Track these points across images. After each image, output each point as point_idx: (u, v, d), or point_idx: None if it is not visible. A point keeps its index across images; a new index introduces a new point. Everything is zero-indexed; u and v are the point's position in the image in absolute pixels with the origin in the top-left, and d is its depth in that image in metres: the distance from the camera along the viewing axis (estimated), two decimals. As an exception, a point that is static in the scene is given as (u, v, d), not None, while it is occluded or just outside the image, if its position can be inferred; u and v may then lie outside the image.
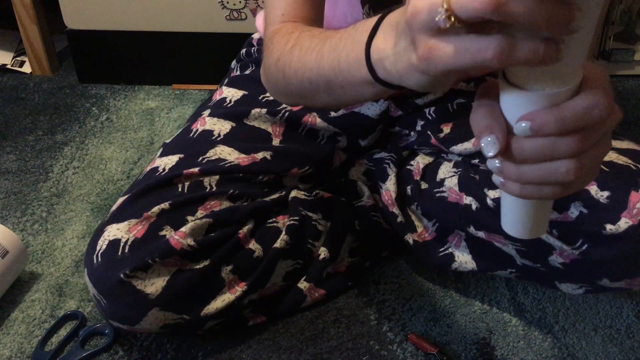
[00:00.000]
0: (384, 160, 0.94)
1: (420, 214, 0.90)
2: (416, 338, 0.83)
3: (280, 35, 0.65)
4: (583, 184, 0.46)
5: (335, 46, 0.55)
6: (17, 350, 0.83)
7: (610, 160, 0.71)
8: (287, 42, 0.63)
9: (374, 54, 0.48)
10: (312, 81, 0.59)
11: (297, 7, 0.68)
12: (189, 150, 0.84)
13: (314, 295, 0.87)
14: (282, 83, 0.64)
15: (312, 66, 0.58)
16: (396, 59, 0.45)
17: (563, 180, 0.43)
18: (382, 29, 0.48)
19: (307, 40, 0.60)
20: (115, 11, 1.34)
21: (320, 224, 0.87)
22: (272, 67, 0.65)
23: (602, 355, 0.82)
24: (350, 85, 0.53)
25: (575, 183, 0.44)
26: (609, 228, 0.69)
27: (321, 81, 0.57)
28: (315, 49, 0.58)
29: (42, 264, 0.96)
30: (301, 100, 0.66)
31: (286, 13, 0.68)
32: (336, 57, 0.54)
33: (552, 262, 0.76)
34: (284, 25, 0.67)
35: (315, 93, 0.60)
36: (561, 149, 0.41)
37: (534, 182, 0.44)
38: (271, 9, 0.69)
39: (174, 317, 0.75)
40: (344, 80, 0.53)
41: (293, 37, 0.63)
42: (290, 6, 0.68)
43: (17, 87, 1.43)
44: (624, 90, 1.40)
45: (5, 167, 1.17)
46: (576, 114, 0.40)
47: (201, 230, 0.77)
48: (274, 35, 0.66)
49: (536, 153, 0.42)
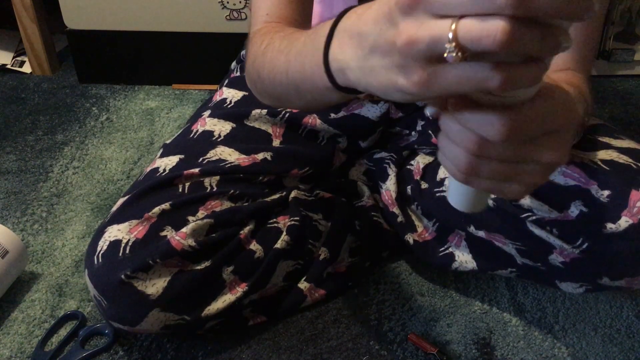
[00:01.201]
0: (384, 160, 0.94)
1: (421, 214, 0.90)
2: (416, 338, 0.83)
3: (259, 36, 0.65)
4: (514, 194, 0.47)
5: (300, 50, 0.54)
6: (17, 350, 0.83)
7: (611, 159, 0.71)
8: (262, 42, 0.63)
9: (332, 63, 0.48)
10: (282, 84, 0.58)
11: (282, 8, 0.68)
12: (190, 150, 0.84)
13: (314, 296, 0.87)
14: (259, 84, 0.64)
15: (281, 70, 0.57)
16: (366, 74, 0.43)
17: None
18: (337, 37, 0.47)
19: (277, 42, 0.60)
20: (115, 11, 1.34)
21: (320, 224, 0.87)
22: (250, 68, 0.65)
23: (602, 355, 0.82)
24: (317, 91, 0.52)
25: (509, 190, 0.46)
26: (609, 227, 0.69)
27: (291, 86, 0.57)
28: (284, 52, 0.57)
29: (42, 264, 0.96)
30: (278, 102, 0.66)
31: (270, 13, 0.68)
32: (301, 62, 0.53)
33: (552, 261, 0.76)
34: (265, 26, 0.67)
35: (288, 96, 0.60)
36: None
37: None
38: (256, 9, 0.70)
39: (174, 318, 0.75)
40: (311, 86, 0.53)
41: (267, 37, 0.63)
42: (274, 6, 0.68)
43: (17, 87, 1.43)
44: (624, 90, 1.40)
45: (5, 167, 1.17)
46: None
47: (202, 230, 0.76)
48: (254, 35, 0.66)
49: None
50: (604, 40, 1.41)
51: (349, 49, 0.45)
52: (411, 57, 0.38)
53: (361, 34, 0.43)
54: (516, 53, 0.36)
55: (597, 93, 1.39)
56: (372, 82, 0.43)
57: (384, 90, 0.42)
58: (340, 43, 0.46)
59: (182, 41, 1.38)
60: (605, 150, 0.73)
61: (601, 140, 0.75)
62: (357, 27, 0.44)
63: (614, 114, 1.32)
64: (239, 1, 1.31)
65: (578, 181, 0.70)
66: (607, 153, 0.72)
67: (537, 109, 0.41)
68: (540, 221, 0.74)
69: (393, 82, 0.41)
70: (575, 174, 0.71)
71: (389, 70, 0.41)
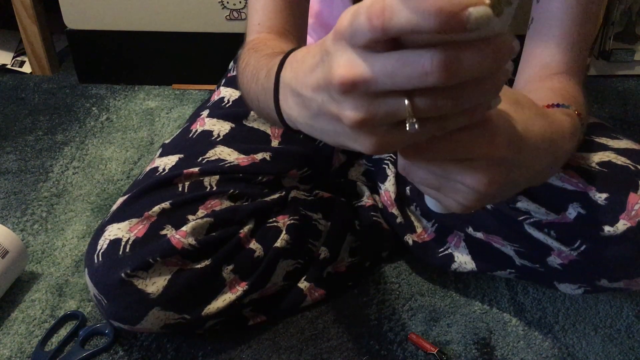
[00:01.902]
0: (383, 161, 0.94)
1: (420, 215, 0.90)
2: (416, 338, 0.83)
3: (244, 52, 0.66)
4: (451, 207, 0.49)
5: (263, 84, 0.54)
6: (17, 350, 0.83)
7: (609, 161, 0.71)
8: (243, 61, 0.64)
9: (284, 114, 0.48)
10: (258, 108, 0.59)
11: (271, 18, 0.69)
12: (189, 150, 0.85)
13: (314, 295, 0.87)
14: (245, 99, 0.65)
15: (254, 94, 0.58)
16: (317, 133, 0.43)
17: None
18: (282, 90, 0.47)
19: (252, 64, 0.60)
20: (115, 11, 1.34)
21: (320, 223, 0.87)
22: (238, 81, 0.66)
23: (602, 355, 0.82)
24: (284, 126, 0.52)
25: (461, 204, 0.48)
26: (607, 229, 0.68)
27: (263, 112, 0.57)
28: (255, 77, 0.57)
29: (42, 264, 0.96)
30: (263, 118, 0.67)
31: (262, 23, 0.69)
32: (264, 95, 0.53)
33: (550, 263, 0.76)
34: (253, 39, 0.67)
35: (267, 119, 0.60)
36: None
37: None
38: (250, 19, 0.70)
39: (174, 317, 0.75)
40: (277, 122, 0.52)
41: (247, 56, 0.63)
42: (265, 16, 0.69)
43: (17, 87, 1.43)
44: (624, 90, 1.40)
45: (5, 167, 1.17)
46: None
47: (202, 229, 0.77)
48: (243, 49, 0.67)
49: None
50: (604, 40, 1.41)
51: (295, 107, 0.45)
52: (364, 132, 0.38)
53: (302, 96, 0.42)
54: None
55: (597, 93, 1.39)
56: (325, 139, 0.43)
57: (339, 147, 0.43)
58: (285, 98, 0.46)
59: (182, 41, 1.38)
60: (603, 152, 0.72)
61: (598, 142, 0.74)
62: (296, 88, 0.43)
63: (614, 114, 1.32)
64: (239, 1, 1.31)
65: (576, 186, 0.70)
66: (605, 154, 0.72)
67: (460, 135, 0.41)
68: (538, 223, 0.74)
69: (347, 145, 0.41)
70: (573, 179, 0.70)
71: (341, 135, 0.40)
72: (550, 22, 0.70)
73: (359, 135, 0.39)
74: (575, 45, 0.70)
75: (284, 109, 0.47)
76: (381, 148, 0.39)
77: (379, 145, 0.39)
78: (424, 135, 0.39)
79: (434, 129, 0.38)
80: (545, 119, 0.52)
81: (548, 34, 0.70)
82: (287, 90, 0.45)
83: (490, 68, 0.34)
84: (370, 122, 0.37)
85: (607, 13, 1.38)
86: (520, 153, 0.47)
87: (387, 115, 0.36)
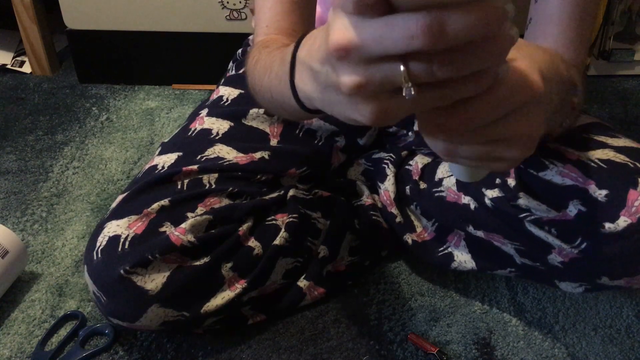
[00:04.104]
0: (382, 160, 0.94)
1: (420, 214, 0.90)
2: (416, 338, 0.83)
3: (254, 50, 0.66)
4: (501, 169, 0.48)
5: (277, 73, 0.55)
6: (17, 350, 0.83)
7: (608, 158, 0.71)
8: (253, 58, 0.64)
9: (299, 92, 0.49)
10: (270, 102, 0.60)
11: (279, 20, 0.69)
12: (188, 148, 0.85)
13: (313, 294, 0.87)
14: (256, 97, 0.66)
15: (266, 89, 0.59)
16: (328, 105, 0.44)
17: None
18: (297, 67, 0.48)
19: (263, 59, 0.61)
20: (115, 11, 1.34)
21: (319, 222, 0.87)
22: (248, 81, 0.67)
23: (602, 355, 0.82)
24: (297, 112, 0.53)
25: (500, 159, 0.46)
26: (607, 226, 0.69)
27: (277, 104, 0.58)
28: (267, 71, 0.58)
29: (42, 264, 0.96)
30: (273, 112, 0.67)
31: (270, 25, 0.69)
32: (277, 85, 0.54)
33: (551, 261, 0.76)
34: (262, 40, 0.68)
35: (279, 112, 0.61)
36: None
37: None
38: (258, 21, 0.71)
39: (173, 314, 0.75)
40: (291, 108, 0.53)
41: (257, 54, 0.64)
42: (273, 18, 0.69)
43: (17, 87, 1.43)
44: (624, 90, 1.40)
45: (5, 167, 1.17)
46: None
47: (201, 226, 0.77)
48: (251, 49, 0.68)
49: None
50: (604, 40, 1.41)
51: (308, 82, 0.46)
52: (360, 98, 0.39)
53: (313, 70, 0.44)
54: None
55: (597, 93, 1.39)
56: (335, 112, 0.44)
57: (347, 120, 0.43)
58: (300, 75, 0.47)
59: (182, 41, 1.38)
60: (602, 150, 0.72)
61: (597, 139, 0.75)
62: (309, 62, 0.44)
63: (614, 114, 1.32)
64: (239, 1, 1.31)
65: (575, 180, 0.70)
66: (604, 152, 0.72)
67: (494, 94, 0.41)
68: (539, 221, 0.74)
69: (351, 116, 0.41)
70: (573, 173, 0.71)
71: (345, 105, 0.41)
72: (548, 21, 0.70)
73: (358, 103, 0.39)
74: (573, 43, 0.70)
75: (299, 87, 0.48)
76: (381, 117, 0.39)
77: (379, 113, 0.39)
78: (425, 104, 0.38)
79: (436, 97, 0.38)
80: (544, 51, 0.53)
81: (545, 32, 0.70)
82: (301, 66, 0.46)
83: (480, 32, 0.34)
84: (366, 87, 0.37)
85: (607, 13, 1.38)
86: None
87: (384, 81, 0.37)
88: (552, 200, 0.72)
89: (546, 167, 0.72)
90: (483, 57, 0.36)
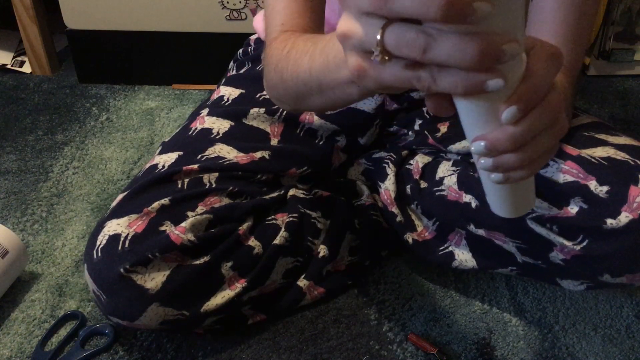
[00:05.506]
0: (383, 160, 0.94)
1: (420, 213, 0.90)
2: (416, 338, 0.83)
3: (279, 42, 0.66)
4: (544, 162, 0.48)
5: (324, 48, 0.56)
6: (17, 350, 0.83)
7: (608, 156, 0.72)
8: (285, 47, 0.64)
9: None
10: (305, 83, 0.60)
11: (296, 17, 0.69)
12: (188, 147, 0.85)
13: (313, 294, 0.87)
14: (281, 87, 0.65)
15: (305, 68, 0.59)
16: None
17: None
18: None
19: (301, 44, 0.62)
20: (115, 11, 1.34)
21: (319, 221, 0.87)
22: (271, 72, 0.66)
23: (602, 355, 0.82)
24: (338, 85, 0.54)
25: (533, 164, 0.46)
26: (609, 222, 0.69)
27: (313, 82, 0.58)
28: (309, 52, 0.59)
29: (42, 264, 0.96)
30: (298, 103, 0.67)
31: (285, 23, 0.69)
32: (325, 58, 0.55)
33: (553, 259, 0.76)
34: (283, 34, 0.68)
35: (309, 95, 0.61)
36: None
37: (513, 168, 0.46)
38: (271, 19, 0.70)
39: (173, 313, 0.75)
40: (333, 81, 0.54)
41: (289, 42, 0.64)
42: (289, 16, 0.69)
43: (17, 87, 1.43)
44: (624, 90, 1.40)
45: (5, 167, 1.17)
46: (526, 129, 0.42)
47: (201, 226, 0.77)
48: (273, 42, 0.68)
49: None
50: (604, 40, 1.41)
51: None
52: (347, 47, 0.42)
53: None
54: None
55: (597, 93, 1.39)
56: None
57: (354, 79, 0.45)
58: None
59: (182, 41, 1.38)
60: (603, 147, 0.73)
61: (598, 137, 0.75)
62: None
63: (614, 114, 1.32)
64: (239, 1, 1.31)
65: (576, 177, 0.71)
66: (604, 150, 0.72)
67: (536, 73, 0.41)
68: (540, 218, 0.74)
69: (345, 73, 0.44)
70: (574, 170, 0.71)
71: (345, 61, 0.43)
72: (544, 19, 0.70)
73: (347, 55, 0.42)
74: (568, 41, 0.70)
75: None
76: (358, 72, 0.41)
77: (356, 67, 0.41)
78: (396, 79, 0.40)
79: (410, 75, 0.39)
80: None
81: (541, 30, 0.71)
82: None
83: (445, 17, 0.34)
84: (348, 36, 0.40)
85: (607, 13, 1.38)
86: None
87: (362, 37, 0.39)
88: (553, 197, 0.72)
89: (547, 164, 0.72)
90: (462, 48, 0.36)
